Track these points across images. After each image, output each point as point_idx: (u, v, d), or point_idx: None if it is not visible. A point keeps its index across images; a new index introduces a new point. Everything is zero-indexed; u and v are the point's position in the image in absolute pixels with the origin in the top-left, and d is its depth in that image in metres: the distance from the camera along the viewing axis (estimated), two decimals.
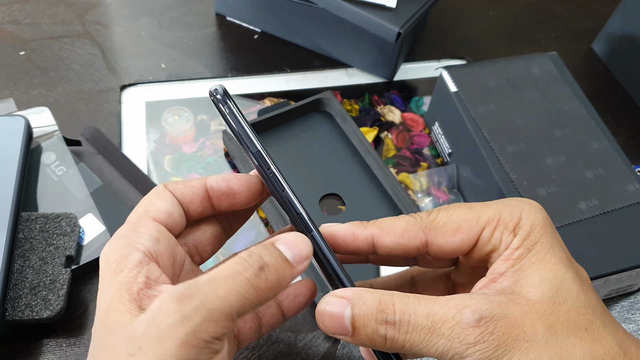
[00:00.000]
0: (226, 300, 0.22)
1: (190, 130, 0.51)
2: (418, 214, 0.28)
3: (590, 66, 0.61)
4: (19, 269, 0.37)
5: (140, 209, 0.27)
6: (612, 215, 0.41)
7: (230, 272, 0.23)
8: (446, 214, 0.27)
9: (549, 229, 0.26)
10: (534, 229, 0.26)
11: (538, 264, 0.25)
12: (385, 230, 0.27)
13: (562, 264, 0.25)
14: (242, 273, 0.23)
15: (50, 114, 0.46)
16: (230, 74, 0.56)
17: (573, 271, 0.25)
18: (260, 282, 0.23)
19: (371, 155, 0.48)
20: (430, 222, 0.27)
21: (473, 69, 0.49)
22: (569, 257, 0.26)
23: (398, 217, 0.28)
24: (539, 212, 0.26)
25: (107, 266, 0.25)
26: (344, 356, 0.40)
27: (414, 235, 0.27)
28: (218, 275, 0.23)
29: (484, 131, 0.45)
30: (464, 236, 0.26)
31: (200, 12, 0.61)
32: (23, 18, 0.57)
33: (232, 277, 0.23)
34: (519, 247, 0.25)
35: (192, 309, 0.22)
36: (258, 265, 0.24)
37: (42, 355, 0.37)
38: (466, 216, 0.26)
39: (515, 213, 0.26)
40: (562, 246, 0.26)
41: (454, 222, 0.26)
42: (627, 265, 0.40)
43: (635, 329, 0.43)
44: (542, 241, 0.25)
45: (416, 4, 0.51)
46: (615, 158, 0.44)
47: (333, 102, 0.50)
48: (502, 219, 0.26)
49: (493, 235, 0.26)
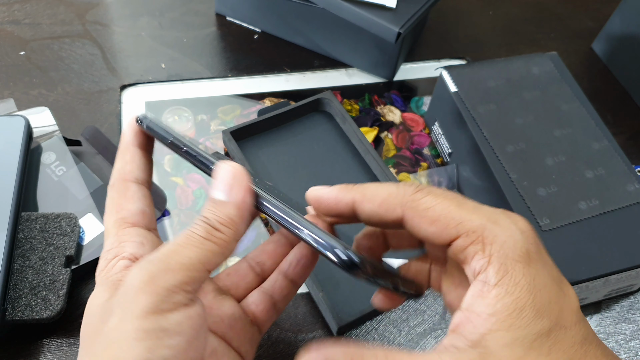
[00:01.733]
0: (184, 253, 0.24)
1: (190, 130, 0.51)
2: (406, 186, 0.26)
3: (590, 66, 0.61)
4: (19, 269, 0.37)
5: (114, 218, 0.28)
6: (612, 215, 0.41)
7: (185, 234, 0.25)
8: (432, 200, 0.25)
9: (534, 270, 0.23)
10: (516, 265, 0.23)
11: (514, 318, 0.23)
12: (366, 197, 0.26)
13: (538, 317, 0.23)
14: (192, 232, 0.25)
15: (50, 114, 0.46)
16: (230, 74, 0.56)
17: (548, 324, 0.23)
18: (214, 236, 0.25)
19: (371, 155, 0.48)
20: (412, 200, 0.25)
21: (473, 69, 0.49)
22: (549, 304, 0.23)
23: (384, 185, 0.27)
24: (533, 244, 0.24)
25: (99, 277, 0.26)
26: None
27: (392, 208, 0.26)
28: (177, 241, 0.25)
29: (484, 131, 0.45)
30: (438, 232, 0.25)
31: (200, 12, 0.61)
32: (23, 18, 0.57)
33: (186, 236, 0.25)
34: (495, 285, 0.23)
35: (153, 265, 0.23)
36: (202, 221, 0.25)
37: (42, 355, 0.37)
38: (450, 213, 0.24)
39: (502, 234, 0.24)
40: (545, 288, 0.23)
41: (435, 212, 0.25)
42: (627, 265, 0.40)
43: (636, 329, 0.43)
44: (524, 283, 0.23)
45: (416, 4, 0.51)
46: (615, 158, 0.44)
47: (333, 102, 0.50)
48: (484, 237, 0.24)
49: (467, 248, 0.24)
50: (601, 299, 0.43)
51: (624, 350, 0.41)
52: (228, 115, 0.52)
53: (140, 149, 0.30)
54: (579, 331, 0.23)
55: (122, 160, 0.29)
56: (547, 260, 0.25)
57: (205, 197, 0.47)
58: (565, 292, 0.24)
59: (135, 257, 0.26)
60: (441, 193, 0.25)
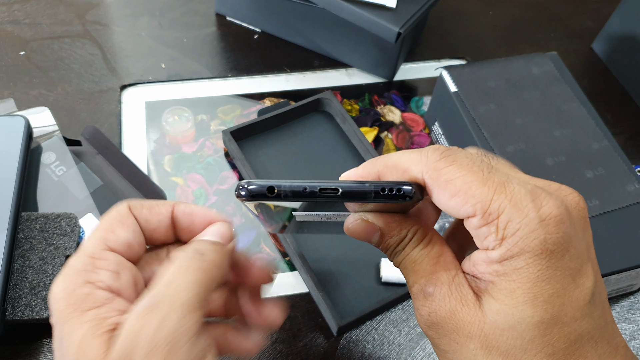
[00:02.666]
0: (190, 292, 0.24)
1: (190, 130, 0.51)
2: (430, 151, 0.24)
3: (590, 66, 0.61)
4: (19, 269, 0.37)
5: (98, 235, 0.26)
6: (612, 215, 0.41)
7: (181, 267, 0.25)
8: (455, 172, 0.23)
9: (545, 260, 0.22)
10: (524, 254, 0.22)
11: (504, 295, 0.23)
12: (388, 167, 0.26)
13: (531, 305, 0.22)
14: (190, 264, 0.25)
15: (50, 114, 0.46)
16: (230, 74, 0.56)
17: (542, 314, 0.22)
18: (206, 264, 0.25)
19: (371, 155, 0.48)
20: (434, 170, 0.24)
21: (473, 69, 0.49)
22: (550, 296, 0.22)
23: (407, 153, 0.25)
24: (554, 234, 0.22)
25: (68, 306, 0.24)
26: (344, 356, 0.40)
27: (414, 176, 0.25)
28: (173, 276, 0.24)
29: (484, 131, 0.45)
30: (457, 207, 0.24)
31: (200, 12, 0.61)
32: (23, 18, 0.57)
33: (185, 270, 0.25)
34: (499, 262, 0.23)
35: (164, 315, 0.23)
36: (198, 253, 0.26)
37: (42, 355, 0.37)
38: (470, 189, 0.23)
39: (518, 220, 0.22)
40: (552, 279, 0.23)
41: (455, 186, 0.23)
42: (627, 265, 0.40)
43: (636, 329, 0.43)
44: (525, 271, 0.22)
45: (416, 4, 0.51)
46: (615, 158, 0.44)
47: (333, 102, 0.50)
48: (499, 221, 0.23)
49: (480, 228, 0.23)
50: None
51: None
52: (228, 115, 0.52)
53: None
54: (577, 328, 0.23)
55: (150, 211, 0.28)
56: (570, 249, 0.23)
57: (205, 197, 0.47)
58: (578, 283, 0.23)
59: (112, 289, 0.25)
60: (467, 163, 0.24)
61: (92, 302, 0.24)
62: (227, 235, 0.28)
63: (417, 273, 0.25)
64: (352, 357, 0.40)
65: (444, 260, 0.25)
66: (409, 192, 0.24)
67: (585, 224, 0.25)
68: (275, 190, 0.24)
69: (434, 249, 0.26)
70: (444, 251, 0.26)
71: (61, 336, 0.24)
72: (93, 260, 0.25)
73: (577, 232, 0.24)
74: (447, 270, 0.25)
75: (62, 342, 0.24)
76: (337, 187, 0.24)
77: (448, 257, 0.25)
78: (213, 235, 0.28)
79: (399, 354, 0.40)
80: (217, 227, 0.28)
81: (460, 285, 0.24)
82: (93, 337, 0.23)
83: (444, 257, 0.25)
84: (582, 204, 0.25)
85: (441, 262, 0.25)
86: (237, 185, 0.25)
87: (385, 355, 0.40)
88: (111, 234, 0.26)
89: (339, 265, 0.43)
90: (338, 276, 0.42)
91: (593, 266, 0.24)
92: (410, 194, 0.24)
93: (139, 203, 0.28)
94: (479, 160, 0.24)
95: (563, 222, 0.23)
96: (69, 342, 0.23)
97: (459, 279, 0.25)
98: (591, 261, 0.24)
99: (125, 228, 0.27)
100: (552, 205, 0.23)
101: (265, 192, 0.24)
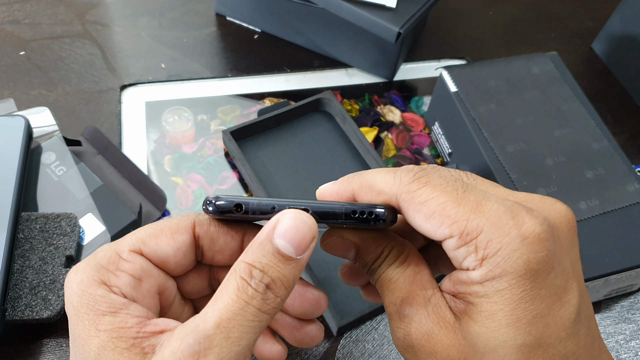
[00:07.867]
0: (242, 342, 0.21)
1: (190, 130, 0.51)
2: (404, 173, 0.24)
3: (590, 66, 0.61)
4: (19, 269, 0.37)
5: (140, 235, 0.25)
6: (612, 215, 0.41)
7: (237, 306, 0.21)
8: (429, 193, 0.23)
9: (530, 281, 0.21)
10: (507, 275, 0.21)
11: (485, 317, 0.22)
12: (363, 188, 0.25)
13: (513, 328, 0.21)
14: (249, 303, 0.21)
15: (50, 114, 0.46)
16: (230, 74, 0.56)
17: (525, 337, 0.21)
18: (269, 304, 0.22)
19: (371, 155, 0.48)
20: (407, 192, 0.23)
21: (473, 69, 0.49)
22: (534, 318, 0.21)
23: (381, 173, 0.25)
24: (538, 252, 0.21)
25: (82, 304, 0.23)
26: (344, 356, 0.40)
27: (388, 199, 0.24)
28: (225, 315, 0.21)
29: (484, 131, 0.45)
30: (433, 229, 0.23)
31: (200, 12, 0.61)
32: (23, 18, 0.57)
33: (241, 311, 0.21)
34: (480, 282, 0.22)
35: None
36: (263, 287, 0.22)
37: (42, 355, 0.37)
38: (445, 210, 0.22)
39: (498, 240, 0.21)
40: (536, 299, 0.21)
41: (429, 208, 0.22)
42: (627, 265, 0.40)
43: (636, 329, 0.43)
44: (508, 293, 0.21)
45: (416, 4, 0.51)
46: (615, 158, 0.44)
47: (333, 102, 0.50)
48: (478, 242, 0.22)
49: (458, 249, 0.22)
50: (601, 299, 0.43)
51: (624, 350, 0.42)
52: (228, 115, 0.52)
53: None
54: (562, 349, 0.22)
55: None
56: (556, 266, 0.22)
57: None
58: (563, 301, 0.22)
59: (124, 295, 0.23)
60: (440, 183, 0.23)
61: (107, 307, 0.22)
62: (308, 238, 0.23)
63: (393, 292, 0.24)
64: (352, 357, 0.40)
65: (420, 279, 0.24)
66: (382, 215, 0.23)
67: (572, 236, 0.24)
68: (242, 207, 0.24)
69: (410, 267, 0.25)
70: (420, 269, 0.25)
71: (75, 336, 0.23)
72: (118, 259, 0.24)
73: (562, 247, 0.23)
74: (424, 289, 0.24)
75: (76, 343, 0.23)
76: (307, 207, 0.24)
77: (425, 276, 0.24)
78: (287, 240, 0.22)
79: (399, 353, 0.40)
80: (294, 223, 0.22)
81: (438, 306, 0.23)
82: (115, 350, 0.21)
83: (421, 275, 0.24)
84: (569, 214, 0.24)
85: (417, 281, 0.24)
86: (204, 200, 0.24)
87: (385, 355, 0.40)
88: (153, 240, 0.25)
89: (339, 265, 0.43)
90: (338, 276, 0.42)
91: (578, 281, 0.23)
92: (382, 216, 0.23)
93: (206, 220, 0.26)
94: (452, 180, 0.23)
95: (547, 239, 0.22)
96: (84, 350, 0.22)
97: (436, 299, 0.24)
98: (576, 276, 0.23)
99: (172, 242, 0.25)
100: (535, 223, 0.22)
101: (232, 209, 0.23)
